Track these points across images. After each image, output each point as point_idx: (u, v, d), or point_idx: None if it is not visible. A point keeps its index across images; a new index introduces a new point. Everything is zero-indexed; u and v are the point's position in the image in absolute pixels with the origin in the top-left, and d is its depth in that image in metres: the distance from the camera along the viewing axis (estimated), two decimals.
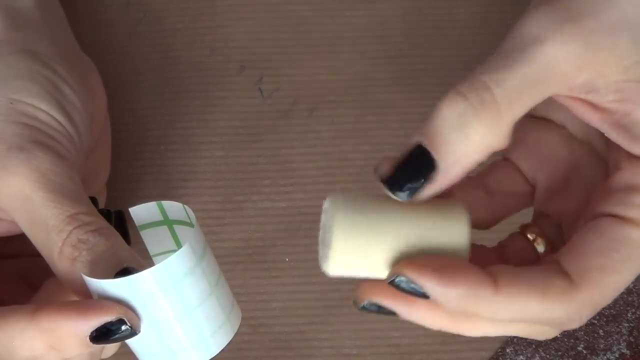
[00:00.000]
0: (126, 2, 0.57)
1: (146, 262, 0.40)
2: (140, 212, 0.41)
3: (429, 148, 0.35)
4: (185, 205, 0.40)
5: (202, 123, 0.55)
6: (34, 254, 0.41)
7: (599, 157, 0.42)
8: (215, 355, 0.39)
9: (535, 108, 0.38)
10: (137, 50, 0.56)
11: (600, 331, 0.52)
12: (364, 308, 0.38)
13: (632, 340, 0.52)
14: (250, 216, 0.54)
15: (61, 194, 0.39)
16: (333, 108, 0.55)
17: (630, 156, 0.39)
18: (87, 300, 0.38)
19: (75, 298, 0.39)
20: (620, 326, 0.52)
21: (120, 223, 0.43)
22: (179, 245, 0.42)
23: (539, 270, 0.37)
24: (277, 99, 0.55)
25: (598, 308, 0.38)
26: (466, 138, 0.35)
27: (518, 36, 0.37)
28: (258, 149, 0.55)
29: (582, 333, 0.52)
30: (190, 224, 0.40)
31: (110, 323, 0.37)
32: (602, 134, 0.40)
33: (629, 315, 0.52)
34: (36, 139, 0.41)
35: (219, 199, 0.54)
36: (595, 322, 0.52)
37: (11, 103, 0.41)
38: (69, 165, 0.41)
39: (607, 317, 0.52)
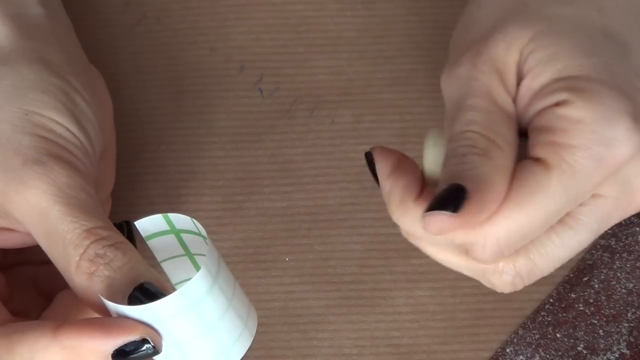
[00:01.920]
0: (126, 2, 0.57)
1: (160, 275, 0.40)
2: (147, 224, 0.41)
3: (455, 181, 0.38)
4: (194, 220, 0.40)
5: (202, 123, 0.55)
6: (45, 261, 0.41)
7: None
8: None
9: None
10: (137, 50, 0.56)
11: (600, 331, 0.52)
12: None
13: (632, 340, 0.52)
14: (250, 216, 0.54)
15: (78, 208, 0.39)
16: (333, 108, 0.55)
17: (545, 108, 0.39)
18: (110, 318, 0.38)
19: (92, 312, 0.39)
20: (620, 326, 0.52)
21: (129, 234, 0.43)
22: (187, 252, 0.42)
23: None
24: (277, 99, 0.55)
25: (503, 245, 0.39)
26: (478, 166, 0.38)
27: (454, 86, 0.41)
28: (258, 149, 0.55)
29: (582, 333, 0.52)
30: (198, 234, 0.40)
31: (133, 342, 0.37)
32: None
33: (629, 315, 0.52)
34: (52, 152, 0.41)
35: (219, 199, 0.54)
36: (595, 322, 0.52)
37: (26, 115, 0.42)
38: (84, 179, 0.41)
39: (607, 317, 0.52)
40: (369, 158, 0.42)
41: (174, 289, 0.43)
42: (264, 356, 0.52)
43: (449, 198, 0.37)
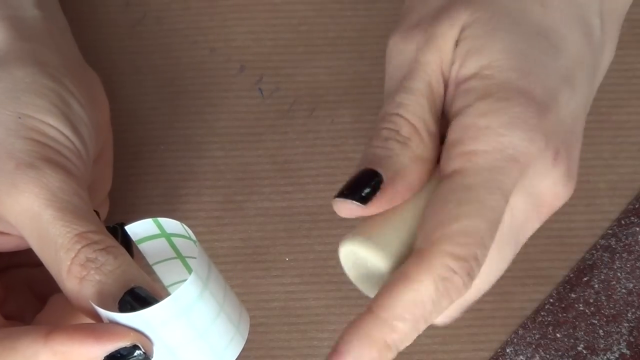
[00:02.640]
0: (126, 2, 0.57)
1: (151, 276, 0.40)
2: (137, 229, 0.41)
3: (371, 167, 0.39)
4: (184, 224, 0.40)
5: (202, 123, 0.55)
6: (39, 264, 0.41)
7: None
8: None
9: None
10: (137, 50, 0.56)
11: (600, 331, 0.52)
12: None
13: (632, 340, 0.52)
14: (250, 216, 0.54)
15: (70, 212, 0.39)
16: (333, 108, 0.55)
17: (454, 118, 0.40)
18: (101, 324, 0.38)
19: (84, 317, 0.39)
20: (620, 326, 0.52)
21: (124, 236, 0.43)
22: (179, 254, 0.42)
23: (397, 270, 0.40)
24: (277, 99, 0.55)
25: (469, 258, 0.38)
26: (397, 154, 0.40)
27: (392, 66, 0.43)
28: (258, 149, 0.55)
29: (582, 333, 0.52)
30: (188, 237, 0.40)
31: (124, 348, 0.37)
32: None
33: (629, 315, 0.52)
34: (45, 156, 0.41)
35: (219, 199, 0.54)
36: (595, 322, 0.52)
37: (20, 118, 0.41)
38: (77, 182, 0.41)
39: (607, 317, 0.52)
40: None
41: (167, 293, 0.43)
42: (264, 356, 0.52)
43: (363, 183, 0.39)
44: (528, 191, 0.41)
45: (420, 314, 0.38)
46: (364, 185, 0.39)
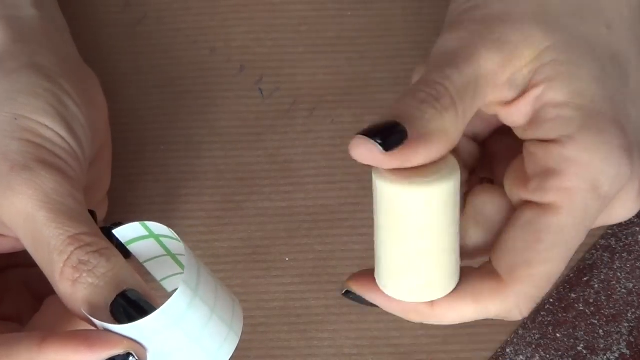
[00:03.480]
0: (126, 2, 0.57)
1: (144, 277, 0.40)
2: (125, 232, 0.41)
3: (399, 120, 0.38)
4: (171, 230, 0.40)
5: (202, 123, 0.55)
6: (36, 264, 0.41)
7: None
8: None
9: None
10: (138, 51, 0.56)
11: (600, 331, 0.52)
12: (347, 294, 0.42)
13: (632, 340, 0.52)
14: (250, 216, 0.54)
15: (63, 214, 0.39)
16: (333, 108, 0.55)
17: (542, 141, 0.40)
18: (95, 331, 0.38)
19: (77, 320, 0.39)
20: (620, 326, 0.52)
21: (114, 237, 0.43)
22: (169, 252, 0.42)
23: (472, 276, 0.40)
24: (277, 99, 0.55)
25: (537, 298, 0.40)
26: (428, 120, 0.38)
27: (445, 48, 0.41)
28: (258, 149, 0.55)
29: (582, 333, 0.52)
30: (177, 240, 0.40)
31: (118, 356, 0.37)
32: None
33: (629, 315, 0.52)
34: (40, 158, 0.41)
35: (219, 199, 0.54)
36: (595, 322, 0.52)
37: (15, 119, 0.41)
38: (72, 184, 0.41)
39: (607, 317, 0.52)
40: (354, 296, 0.42)
41: (167, 292, 0.43)
42: (264, 356, 0.52)
43: (387, 131, 0.38)
44: (606, 212, 0.41)
45: (462, 321, 0.41)
46: (388, 133, 0.38)
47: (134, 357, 0.37)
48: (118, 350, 0.37)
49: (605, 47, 0.41)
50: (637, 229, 0.53)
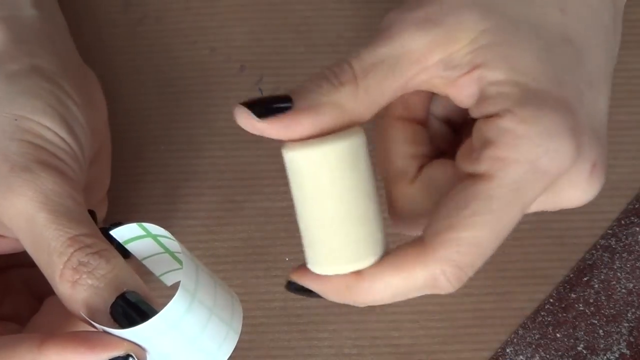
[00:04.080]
0: (126, 2, 0.57)
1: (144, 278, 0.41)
2: (123, 232, 0.41)
3: (291, 95, 0.39)
4: (167, 231, 0.40)
5: (202, 123, 0.55)
6: (36, 264, 0.41)
7: None
8: None
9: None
10: (138, 51, 0.56)
11: (600, 331, 0.52)
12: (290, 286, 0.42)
13: (632, 340, 0.52)
14: (250, 216, 0.54)
15: (63, 215, 0.39)
16: None
17: (486, 116, 0.40)
18: (95, 333, 0.38)
19: (77, 321, 0.39)
20: (620, 326, 0.52)
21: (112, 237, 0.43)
22: (167, 250, 0.42)
23: (401, 246, 0.40)
24: None
25: (464, 266, 0.39)
26: (321, 93, 0.39)
27: (378, 28, 0.42)
28: (258, 149, 0.55)
29: (582, 333, 0.52)
30: (174, 240, 0.40)
31: (118, 358, 0.37)
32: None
33: (629, 315, 0.52)
34: (40, 159, 0.41)
35: (219, 199, 0.54)
36: (595, 322, 0.52)
37: (16, 120, 0.41)
38: (72, 185, 0.41)
39: (607, 317, 0.52)
40: (294, 286, 0.42)
41: (166, 286, 0.43)
42: (264, 356, 0.52)
43: (271, 101, 0.39)
44: (552, 193, 0.41)
45: (395, 297, 0.40)
46: (270, 103, 0.39)
47: (133, 358, 0.37)
48: (118, 352, 0.37)
49: (556, 30, 0.41)
50: (637, 229, 0.53)
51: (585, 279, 0.53)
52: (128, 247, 0.42)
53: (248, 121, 0.39)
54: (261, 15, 0.56)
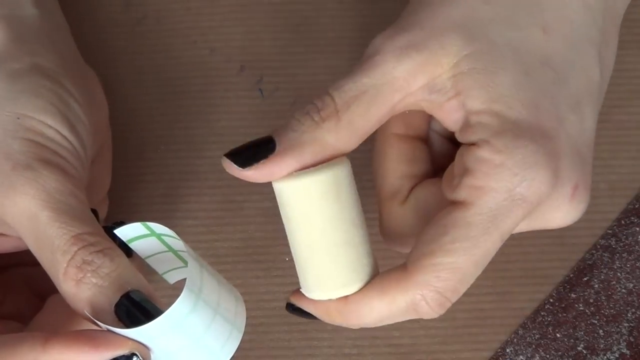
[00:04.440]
0: (126, 2, 0.57)
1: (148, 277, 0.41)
2: (127, 231, 0.41)
3: (273, 135, 0.41)
4: (172, 231, 0.40)
5: (202, 123, 0.55)
6: (38, 263, 0.41)
7: None
8: None
9: None
10: (138, 51, 0.56)
11: (600, 331, 0.52)
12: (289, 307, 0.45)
13: (632, 340, 0.52)
14: (250, 216, 0.54)
15: (66, 213, 0.39)
16: None
17: (468, 145, 0.41)
18: (99, 331, 0.38)
19: (80, 319, 0.39)
20: (620, 326, 0.52)
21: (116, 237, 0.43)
22: (170, 249, 0.42)
23: (385, 272, 0.42)
24: (277, 99, 0.55)
25: (444, 291, 0.41)
26: (303, 131, 0.41)
27: (362, 57, 0.42)
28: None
29: (582, 333, 0.52)
30: (179, 240, 0.40)
31: (122, 356, 0.37)
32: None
33: (629, 315, 0.52)
34: (43, 157, 0.41)
35: (219, 199, 0.54)
36: (595, 322, 0.52)
37: (18, 118, 0.41)
38: (74, 183, 0.41)
39: (607, 317, 0.52)
40: (293, 307, 0.45)
41: (169, 284, 0.43)
42: (264, 356, 0.52)
43: (254, 147, 0.41)
44: (534, 218, 0.42)
45: (381, 321, 0.42)
46: (254, 149, 0.41)
47: (138, 357, 0.37)
48: (123, 351, 0.37)
49: (536, 52, 0.42)
50: (637, 229, 0.53)
51: (585, 279, 0.53)
52: (131, 245, 0.42)
53: (233, 170, 0.41)
54: (261, 15, 0.56)
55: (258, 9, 0.57)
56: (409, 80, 0.41)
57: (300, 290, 0.44)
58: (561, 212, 0.42)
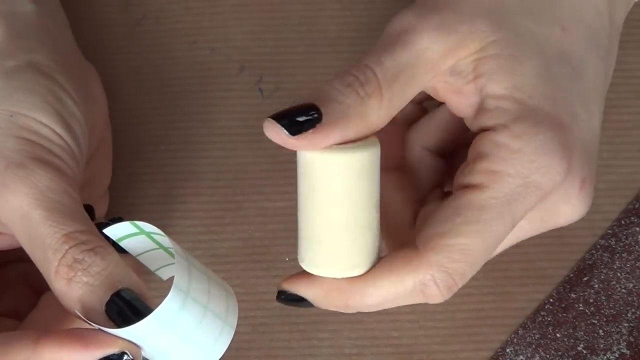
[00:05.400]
0: (126, 2, 0.57)
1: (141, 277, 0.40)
2: (116, 230, 0.41)
3: (317, 103, 0.39)
4: (159, 229, 0.40)
5: (202, 123, 0.55)
6: None
7: None
8: None
9: None
10: (137, 51, 0.56)
11: (600, 331, 0.52)
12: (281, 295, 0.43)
13: (632, 340, 0.52)
14: (250, 216, 0.54)
15: (58, 212, 0.39)
16: None
17: (482, 129, 0.41)
18: (90, 330, 0.38)
19: (73, 317, 0.39)
20: (620, 326, 0.52)
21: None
22: (161, 246, 0.42)
23: (391, 253, 0.41)
24: (277, 99, 0.55)
25: (454, 273, 0.40)
26: (349, 105, 0.39)
27: (392, 30, 0.41)
28: (258, 149, 0.54)
29: (582, 333, 0.52)
30: (165, 236, 0.40)
31: (113, 355, 0.37)
32: None
33: (629, 315, 0.52)
34: (36, 155, 0.41)
35: (219, 199, 0.54)
36: (595, 322, 0.52)
37: (11, 116, 0.41)
38: (68, 182, 0.41)
39: (607, 317, 0.52)
40: (285, 296, 0.43)
41: (162, 280, 0.43)
42: (264, 356, 0.52)
43: (300, 114, 0.39)
44: (545, 209, 0.42)
45: (385, 302, 0.41)
46: (298, 115, 0.39)
47: (128, 356, 0.37)
48: (113, 350, 0.37)
49: (556, 47, 0.42)
50: (637, 229, 0.53)
51: (585, 279, 0.53)
52: (121, 244, 0.42)
53: (279, 137, 0.40)
54: (261, 15, 0.56)
55: (258, 9, 0.57)
56: (439, 62, 0.41)
57: (300, 263, 0.42)
58: (571, 205, 0.42)
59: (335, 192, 0.40)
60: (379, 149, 0.40)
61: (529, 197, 0.40)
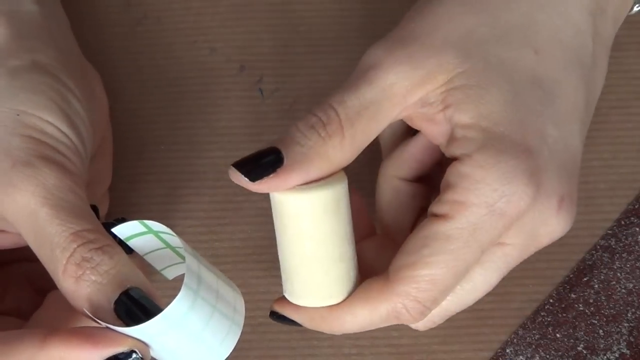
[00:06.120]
0: (126, 2, 0.57)
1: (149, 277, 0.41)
2: (124, 229, 0.41)
3: (280, 147, 0.41)
4: (169, 228, 0.40)
5: (202, 123, 0.55)
6: (38, 259, 0.41)
7: None
8: None
9: None
10: (138, 51, 0.56)
11: (600, 331, 0.52)
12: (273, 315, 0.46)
13: (632, 340, 0.52)
14: (250, 216, 0.54)
15: (65, 210, 0.39)
16: None
17: (453, 158, 0.43)
18: (98, 328, 0.38)
19: (80, 316, 0.39)
20: (620, 326, 0.52)
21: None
22: (168, 245, 0.42)
23: (366, 283, 0.44)
24: (277, 99, 0.55)
25: (424, 301, 0.42)
26: (309, 146, 0.41)
27: (362, 65, 0.43)
28: (258, 149, 0.54)
29: (582, 333, 0.52)
30: (176, 236, 0.40)
31: (121, 353, 0.37)
32: None
33: (629, 315, 0.52)
34: (42, 154, 0.41)
35: (219, 199, 0.54)
36: (595, 322, 0.52)
37: (18, 115, 0.41)
38: (74, 180, 0.41)
39: (607, 317, 0.52)
40: (276, 315, 0.46)
41: (168, 280, 0.43)
42: (264, 356, 0.52)
43: (262, 159, 0.41)
44: (525, 234, 0.43)
45: (363, 327, 0.44)
46: (262, 161, 0.41)
47: (137, 355, 0.37)
48: (123, 348, 0.37)
49: (526, 72, 0.43)
50: (637, 229, 0.53)
51: (585, 279, 0.53)
52: (129, 243, 0.42)
53: (242, 183, 0.42)
54: (261, 15, 0.56)
55: (258, 9, 0.57)
56: (406, 96, 0.42)
57: (284, 295, 0.45)
58: (550, 225, 0.43)
59: (303, 228, 0.42)
60: (345, 184, 0.42)
61: (495, 224, 0.41)
